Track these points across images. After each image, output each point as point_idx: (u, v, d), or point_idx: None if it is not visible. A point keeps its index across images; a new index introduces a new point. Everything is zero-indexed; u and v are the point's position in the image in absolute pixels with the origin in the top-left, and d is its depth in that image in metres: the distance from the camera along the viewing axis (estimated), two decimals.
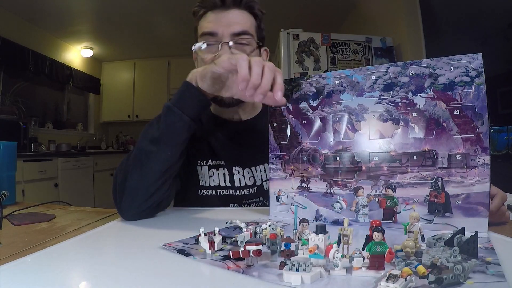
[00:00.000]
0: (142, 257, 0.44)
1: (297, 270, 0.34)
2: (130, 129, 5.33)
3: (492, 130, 1.64)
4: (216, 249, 0.44)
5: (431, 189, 0.52)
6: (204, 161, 0.88)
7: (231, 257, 0.40)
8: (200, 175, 0.88)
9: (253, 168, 0.88)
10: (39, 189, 2.99)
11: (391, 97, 0.56)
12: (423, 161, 0.53)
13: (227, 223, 0.55)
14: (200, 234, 0.46)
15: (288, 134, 0.66)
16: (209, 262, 0.41)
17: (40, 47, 3.92)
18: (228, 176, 0.87)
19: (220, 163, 0.88)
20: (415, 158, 0.54)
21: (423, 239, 0.44)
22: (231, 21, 0.81)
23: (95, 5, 3.54)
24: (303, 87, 0.65)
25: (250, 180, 0.87)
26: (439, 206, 0.52)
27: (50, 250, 0.47)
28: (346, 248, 0.41)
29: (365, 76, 0.59)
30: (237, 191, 0.86)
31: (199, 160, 0.88)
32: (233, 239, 0.47)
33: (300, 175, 0.64)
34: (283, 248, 0.39)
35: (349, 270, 0.36)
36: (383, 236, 0.37)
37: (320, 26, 3.16)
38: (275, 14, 3.74)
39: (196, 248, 0.46)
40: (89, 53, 4.91)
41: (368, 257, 0.36)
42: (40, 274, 0.39)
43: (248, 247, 0.38)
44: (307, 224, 0.46)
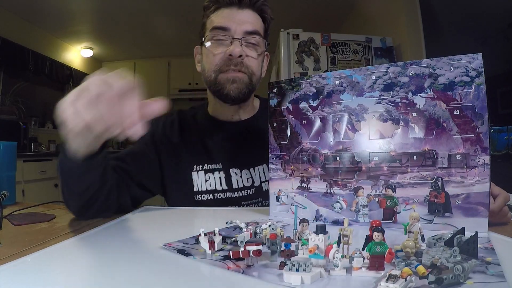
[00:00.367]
0: (142, 257, 0.44)
1: (297, 270, 0.34)
2: None
3: (492, 130, 1.64)
4: (216, 249, 0.44)
5: (431, 189, 0.52)
6: (200, 165, 0.88)
7: (231, 257, 0.40)
8: (196, 180, 0.87)
9: (251, 169, 0.87)
10: (39, 189, 2.99)
11: (391, 97, 0.56)
12: (423, 161, 0.53)
13: (227, 223, 0.55)
14: (200, 234, 0.46)
15: (288, 134, 0.66)
16: (209, 262, 0.41)
17: (40, 47, 3.92)
18: (225, 179, 0.86)
19: (216, 166, 0.87)
20: (415, 158, 0.54)
21: (423, 239, 0.44)
22: (244, 19, 0.82)
23: (95, 5, 3.54)
24: (303, 87, 0.65)
25: (248, 182, 0.87)
26: (439, 206, 0.52)
27: (50, 250, 0.47)
28: (346, 248, 0.41)
29: (365, 76, 0.59)
30: (234, 193, 0.86)
31: (195, 165, 0.88)
32: (233, 239, 0.47)
33: (300, 175, 0.64)
34: (283, 248, 0.39)
35: (349, 270, 0.36)
36: (383, 236, 0.37)
37: (320, 26, 3.16)
38: (275, 14, 3.73)
39: (196, 248, 0.46)
40: (89, 53, 4.91)
41: (368, 257, 0.36)
42: (40, 274, 0.39)
43: (248, 247, 0.38)
44: (307, 224, 0.46)
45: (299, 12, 3.68)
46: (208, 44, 0.83)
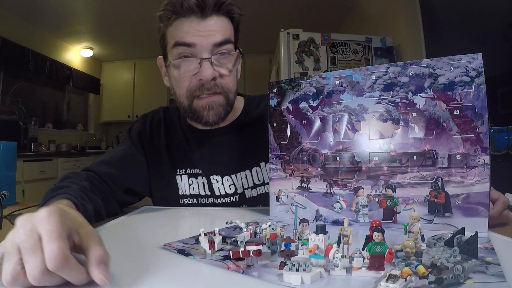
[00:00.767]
0: (142, 257, 0.44)
1: (297, 270, 0.34)
2: None
3: (492, 130, 1.64)
4: (216, 249, 0.44)
5: (431, 189, 0.52)
6: (183, 169, 0.85)
7: (231, 257, 0.40)
8: (180, 184, 0.85)
9: (233, 176, 0.83)
10: (39, 189, 2.98)
11: (391, 97, 0.56)
12: (423, 161, 0.53)
13: (227, 223, 0.55)
14: (200, 234, 0.46)
15: (288, 134, 0.66)
16: (209, 262, 0.41)
17: (40, 47, 3.92)
18: (207, 185, 0.84)
19: (198, 171, 0.85)
20: (415, 158, 0.54)
21: (423, 239, 0.44)
22: (211, 30, 0.72)
23: (95, 5, 3.54)
24: (303, 87, 0.65)
25: (230, 189, 0.83)
26: (439, 206, 0.52)
27: None
28: (346, 248, 0.41)
29: (365, 76, 0.59)
30: (218, 199, 0.83)
31: (178, 169, 0.85)
32: (233, 239, 0.47)
33: (300, 175, 0.64)
34: (283, 248, 0.39)
35: (349, 270, 0.36)
36: (383, 236, 0.37)
37: (320, 26, 3.16)
38: (275, 14, 3.75)
39: (196, 248, 0.46)
40: (89, 53, 4.92)
41: (368, 257, 0.36)
42: None
43: (248, 247, 0.38)
44: (307, 224, 0.46)
45: (299, 12, 3.69)
46: (173, 64, 0.74)
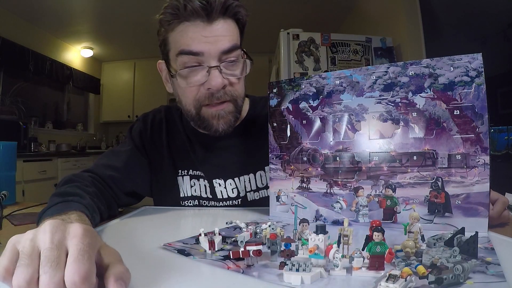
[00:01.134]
0: (142, 257, 0.44)
1: (297, 270, 0.34)
2: None
3: (492, 130, 1.64)
4: (216, 249, 0.44)
5: (431, 189, 0.52)
6: (185, 170, 0.84)
7: (231, 257, 0.40)
8: (182, 186, 0.84)
9: (236, 179, 0.82)
10: (39, 189, 2.99)
11: (391, 97, 0.56)
12: (423, 161, 0.53)
13: (227, 223, 0.55)
14: (200, 234, 0.46)
15: (288, 134, 0.66)
16: (209, 262, 0.41)
17: (40, 47, 3.92)
18: (209, 188, 0.82)
19: (201, 174, 0.83)
20: (415, 158, 0.54)
21: (423, 239, 0.44)
22: (218, 35, 0.67)
23: (95, 5, 3.54)
24: (303, 87, 0.65)
25: (233, 192, 0.82)
26: (439, 206, 0.52)
27: None
28: (346, 248, 0.41)
29: (365, 76, 0.59)
30: (219, 203, 0.82)
31: (180, 170, 0.84)
32: (233, 239, 0.47)
33: (300, 175, 0.64)
34: (283, 248, 0.39)
35: (349, 270, 0.36)
36: (383, 236, 0.37)
37: (320, 26, 3.16)
38: (275, 14, 3.75)
39: (196, 248, 0.46)
40: (89, 53, 4.92)
41: (368, 257, 0.36)
42: None
43: (248, 247, 0.38)
44: (307, 224, 0.46)
45: (299, 12, 3.69)
46: (180, 74, 0.70)
